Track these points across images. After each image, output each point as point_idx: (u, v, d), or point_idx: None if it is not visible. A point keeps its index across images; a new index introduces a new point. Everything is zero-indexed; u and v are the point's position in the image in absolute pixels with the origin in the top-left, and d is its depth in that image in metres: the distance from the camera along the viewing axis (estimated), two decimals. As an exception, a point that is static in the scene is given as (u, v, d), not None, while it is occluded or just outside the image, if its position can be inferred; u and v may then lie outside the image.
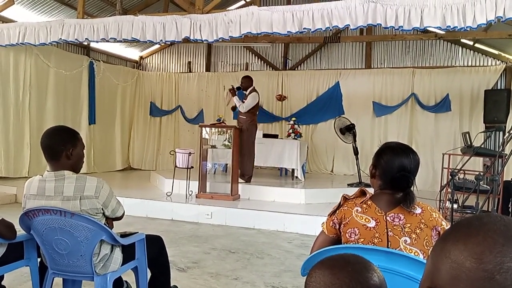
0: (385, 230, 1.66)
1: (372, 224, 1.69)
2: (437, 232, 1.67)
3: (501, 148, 4.74)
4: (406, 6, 4.24)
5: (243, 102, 6.83)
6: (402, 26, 4.27)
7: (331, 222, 1.81)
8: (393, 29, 4.45)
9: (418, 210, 1.70)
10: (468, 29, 4.19)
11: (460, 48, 8.82)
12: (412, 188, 1.73)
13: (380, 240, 1.65)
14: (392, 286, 1.42)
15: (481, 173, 4.27)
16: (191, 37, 5.06)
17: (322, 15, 4.48)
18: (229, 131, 6.56)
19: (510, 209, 5.40)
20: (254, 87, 7.00)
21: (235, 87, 7.00)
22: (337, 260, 0.95)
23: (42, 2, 7.66)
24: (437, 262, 0.62)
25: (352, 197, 1.82)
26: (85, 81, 9.03)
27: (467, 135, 5.79)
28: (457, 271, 0.58)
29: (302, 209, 5.93)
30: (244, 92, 7.01)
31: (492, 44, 8.31)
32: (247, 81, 7.01)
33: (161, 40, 5.23)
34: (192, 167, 6.26)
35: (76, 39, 5.52)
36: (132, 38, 5.29)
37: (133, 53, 10.93)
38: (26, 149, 7.73)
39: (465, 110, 8.48)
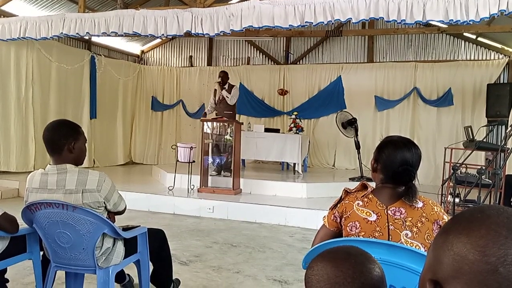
0: (386, 224, 1.66)
1: (373, 217, 1.68)
2: (439, 226, 1.67)
3: (503, 142, 4.73)
4: (408, -1, 4.22)
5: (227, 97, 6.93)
6: (404, 20, 4.26)
7: (332, 215, 1.81)
8: (396, 23, 4.43)
9: (420, 204, 1.70)
10: (471, 22, 4.17)
11: (463, 42, 8.78)
12: (414, 182, 1.73)
13: (381, 234, 1.65)
14: (393, 279, 1.43)
15: (483, 167, 4.27)
16: (193, 31, 5.04)
17: (324, 8, 4.46)
18: (230, 125, 6.56)
19: (512, 203, 5.40)
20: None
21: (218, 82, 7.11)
22: (338, 253, 0.95)
23: (43, -4, 7.66)
24: (439, 255, 0.62)
25: (354, 191, 1.81)
26: (86, 75, 9.03)
27: (469, 129, 5.78)
28: (460, 263, 0.58)
29: (304, 203, 5.94)
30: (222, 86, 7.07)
31: (495, 38, 8.27)
32: (226, 76, 7.12)
33: (163, 34, 5.22)
34: (193, 161, 6.27)
35: (77, 33, 5.51)
36: (133, 32, 5.27)
37: (135, 48, 10.91)
38: (31, 143, 7.76)
39: (468, 104, 8.45)
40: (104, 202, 2.24)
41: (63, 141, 2.18)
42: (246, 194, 6.41)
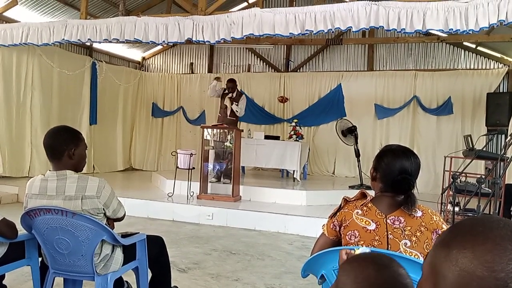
0: (385, 233, 1.66)
1: (372, 226, 1.68)
2: (438, 235, 1.67)
3: (503, 151, 4.72)
4: (408, 8, 4.24)
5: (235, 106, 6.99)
6: (404, 29, 4.28)
7: (332, 224, 1.81)
8: (396, 32, 4.45)
9: (419, 213, 1.70)
10: (471, 32, 4.19)
11: (463, 51, 8.81)
12: (413, 191, 1.73)
13: (380, 243, 1.65)
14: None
15: (483, 176, 4.26)
16: (194, 38, 5.07)
17: (325, 17, 4.49)
18: (231, 132, 6.57)
19: (511, 212, 5.39)
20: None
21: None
22: (382, 258, 0.99)
23: (45, 3, 7.68)
24: (442, 269, 0.61)
25: (353, 199, 1.82)
26: (87, 81, 9.05)
27: (469, 138, 5.78)
28: (467, 279, 0.57)
29: (303, 210, 5.93)
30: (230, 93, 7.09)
31: (495, 47, 8.30)
32: (235, 85, 7.13)
33: (164, 41, 5.24)
34: (193, 168, 6.27)
35: (79, 40, 5.54)
36: (134, 39, 5.30)
37: (136, 54, 10.95)
38: (27, 148, 7.76)
39: (467, 113, 8.47)
40: (104, 209, 2.24)
41: (63, 147, 2.19)
42: (246, 201, 6.40)
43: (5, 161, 7.34)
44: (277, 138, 8.28)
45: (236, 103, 6.98)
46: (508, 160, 4.37)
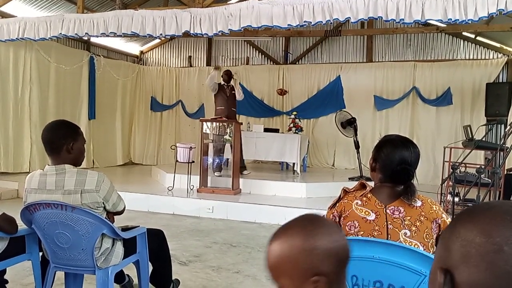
0: (385, 223, 1.66)
1: (372, 217, 1.68)
2: (437, 224, 1.67)
3: (502, 141, 4.72)
4: (407, -2, 4.22)
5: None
6: (403, 19, 4.25)
7: (331, 215, 1.81)
8: (394, 22, 4.43)
9: (418, 203, 1.69)
10: (470, 22, 4.17)
11: (462, 41, 8.78)
12: (412, 181, 1.73)
13: (379, 233, 1.65)
14: (392, 278, 1.43)
15: (482, 166, 4.27)
16: (191, 31, 5.04)
17: (323, 8, 4.46)
18: (230, 125, 6.56)
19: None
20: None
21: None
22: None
23: (42, -3, 7.65)
24: (448, 244, 0.65)
25: (352, 190, 1.81)
26: (85, 76, 9.03)
27: (468, 128, 5.78)
28: (467, 248, 0.61)
29: (303, 203, 5.94)
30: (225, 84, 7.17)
31: (494, 37, 8.27)
32: (231, 74, 7.20)
33: (161, 34, 5.21)
34: (193, 161, 6.27)
35: (76, 34, 5.51)
36: (132, 32, 5.27)
37: (134, 48, 10.91)
38: (26, 144, 7.75)
39: (467, 104, 8.45)
40: (103, 203, 2.24)
41: (62, 142, 2.18)
42: (246, 194, 6.40)
43: (0, 157, 7.33)
44: (276, 130, 8.27)
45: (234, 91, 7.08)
46: (508, 150, 4.37)
